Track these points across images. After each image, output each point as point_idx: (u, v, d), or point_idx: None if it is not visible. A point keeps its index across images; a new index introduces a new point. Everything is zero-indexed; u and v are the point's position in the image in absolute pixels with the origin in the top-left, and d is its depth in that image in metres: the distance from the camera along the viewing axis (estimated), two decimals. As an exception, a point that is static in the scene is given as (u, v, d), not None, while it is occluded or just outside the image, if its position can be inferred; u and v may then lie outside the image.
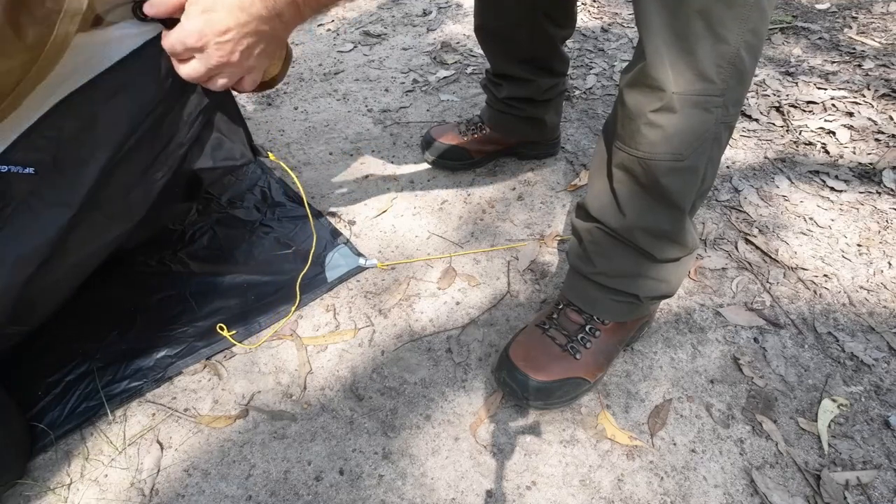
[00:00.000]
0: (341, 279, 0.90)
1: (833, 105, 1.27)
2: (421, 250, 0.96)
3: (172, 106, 0.60)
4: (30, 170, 0.55)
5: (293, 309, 0.84)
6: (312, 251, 0.90)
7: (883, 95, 1.28)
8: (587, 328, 0.72)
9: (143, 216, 0.65)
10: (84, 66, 0.54)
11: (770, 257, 0.93)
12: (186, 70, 0.53)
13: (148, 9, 0.52)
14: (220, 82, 0.55)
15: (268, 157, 0.70)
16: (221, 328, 0.80)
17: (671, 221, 0.63)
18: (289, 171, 0.74)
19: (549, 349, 0.72)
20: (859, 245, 0.94)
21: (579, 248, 0.72)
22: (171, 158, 0.63)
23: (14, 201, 0.55)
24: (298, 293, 0.85)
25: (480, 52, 1.53)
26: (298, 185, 0.75)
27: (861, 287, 0.88)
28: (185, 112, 0.62)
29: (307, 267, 0.87)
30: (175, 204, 0.74)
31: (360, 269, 0.92)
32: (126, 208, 0.63)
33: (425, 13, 1.77)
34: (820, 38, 1.53)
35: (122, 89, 0.56)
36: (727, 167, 1.12)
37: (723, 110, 0.56)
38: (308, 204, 0.91)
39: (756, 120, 1.25)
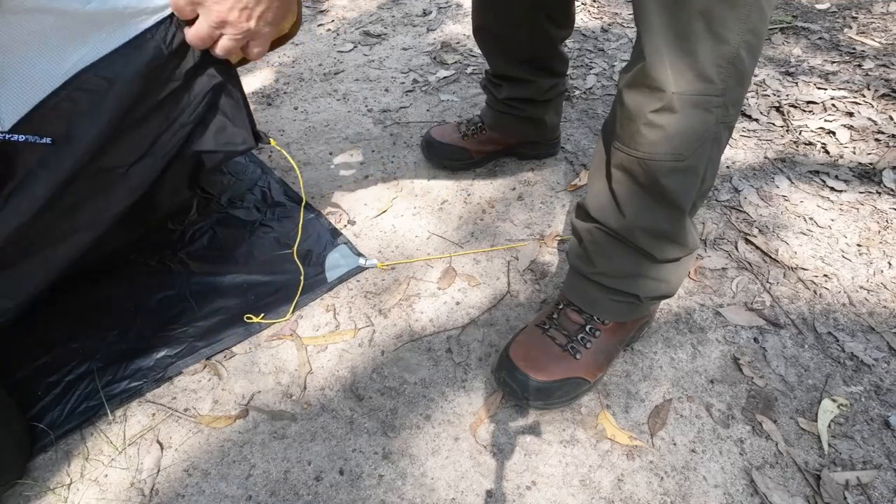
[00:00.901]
0: (341, 279, 0.90)
1: (833, 105, 1.27)
2: (421, 250, 0.96)
3: (181, 84, 0.62)
4: (47, 140, 0.57)
5: (291, 309, 0.84)
6: (298, 237, 0.93)
7: (883, 95, 1.28)
8: (587, 328, 0.72)
9: (144, 191, 0.66)
10: (100, 41, 0.56)
11: (770, 257, 0.93)
12: (191, 31, 0.56)
13: None
14: (224, 44, 0.57)
15: (269, 142, 0.70)
16: (249, 318, 0.82)
17: (671, 221, 0.63)
18: (290, 157, 0.75)
19: (549, 349, 0.72)
20: (859, 245, 0.94)
21: (579, 248, 0.72)
22: (176, 137, 0.64)
23: (27, 169, 0.57)
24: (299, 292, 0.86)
25: (480, 52, 1.53)
26: (298, 174, 0.76)
27: (861, 287, 0.88)
28: (192, 92, 0.63)
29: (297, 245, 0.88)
30: (178, 192, 0.74)
31: (360, 269, 0.92)
32: (127, 182, 0.64)
33: (425, 13, 1.77)
34: (820, 38, 1.53)
35: (135, 64, 0.57)
36: (727, 167, 1.12)
37: (723, 110, 0.56)
38: (307, 203, 0.91)
39: (756, 120, 1.25)
